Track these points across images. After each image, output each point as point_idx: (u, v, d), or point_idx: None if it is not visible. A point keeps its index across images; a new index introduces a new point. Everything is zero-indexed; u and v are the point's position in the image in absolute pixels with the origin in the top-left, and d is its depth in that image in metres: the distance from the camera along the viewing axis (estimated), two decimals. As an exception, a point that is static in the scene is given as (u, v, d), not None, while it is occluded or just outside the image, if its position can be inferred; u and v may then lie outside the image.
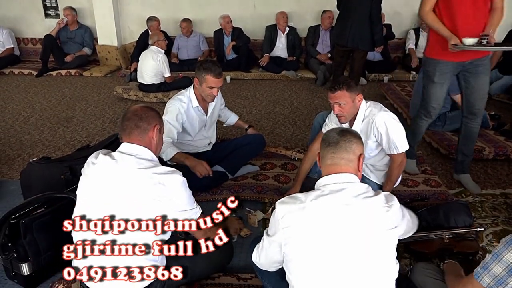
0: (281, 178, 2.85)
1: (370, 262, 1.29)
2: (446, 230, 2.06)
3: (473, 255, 2.04)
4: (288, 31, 5.79)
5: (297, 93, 5.04)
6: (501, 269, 1.29)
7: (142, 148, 1.58)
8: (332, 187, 1.35)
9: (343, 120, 2.28)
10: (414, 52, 5.70)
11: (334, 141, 1.41)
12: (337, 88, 2.19)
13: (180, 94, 2.68)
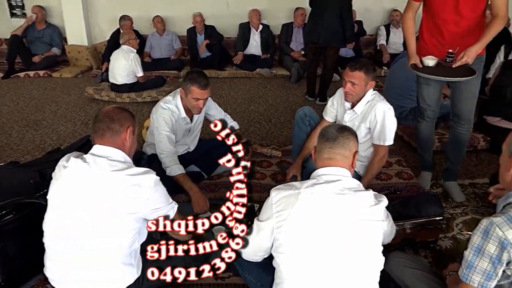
0: (258, 175, 2.85)
1: (358, 250, 1.36)
2: (407, 221, 2.12)
3: (433, 243, 2.12)
4: (262, 28, 5.80)
5: (272, 91, 5.05)
6: (487, 262, 1.27)
7: (115, 150, 1.56)
8: (327, 178, 1.43)
9: (349, 98, 2.36)
10: (385, 48, 5.82)
11: (332, 137, 1.50)
12: (357, 68, 2.27)
13: (167, 102, 2.58)
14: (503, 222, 1.23)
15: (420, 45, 2.45)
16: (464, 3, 2.19)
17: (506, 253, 1.23)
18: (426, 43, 2.42)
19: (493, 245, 1.24)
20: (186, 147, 2.80)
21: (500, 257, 1.24)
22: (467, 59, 2.19)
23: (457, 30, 2.27)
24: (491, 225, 1.25)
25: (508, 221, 1.23)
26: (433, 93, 2.53)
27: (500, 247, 1.23)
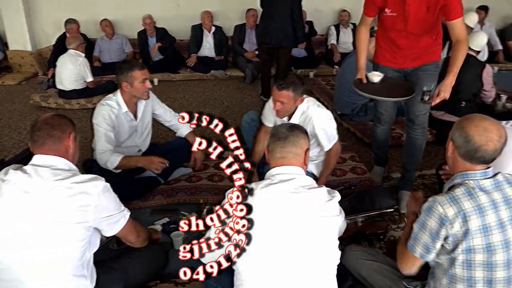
0: (215, 177, 2.84)
1: (315, 246, 1.39)
2: (359, 214, 2.20)
3: (383, 234, 2.21)
4: (214, 30, 5.77)
5: (227, 92, 5.04)
6: (427, 236, 1.40)
7: (58, 158, 1.50)
8: (282, 177, 1.45)
9: (281, 115, 2.34)
10: (336, 48, 5.97)
11: (283, 136, 1.52)
12: (284, 88, 2.21)
13: (107, 99, 2.53)
14: (445, 200, 1.36)
15: (377, 49, 2.49)
16: (412, 25, 2.22)
17: (445, 229, 1.36)
18: (381, 48, 2.44)
19: (433, 221, 1.37)
20: (136, 149, 2.71)
21: (438, 232, 1.37)
22: (445, 94, 2.16)
23: (410, 42, 2.30)
24: (434, 202, 1.38)
25: (449, 200, 1.36)
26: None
27: (440, 223, 1.36)
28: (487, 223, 1.34)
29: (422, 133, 2.52)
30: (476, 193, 1.36)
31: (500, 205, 1.36)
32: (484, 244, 1.34)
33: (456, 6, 2.10)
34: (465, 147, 1.39)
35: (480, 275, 1.37)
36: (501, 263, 1.35)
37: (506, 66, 6.05)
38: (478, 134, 1.37)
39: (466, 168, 1.42)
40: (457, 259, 1.38)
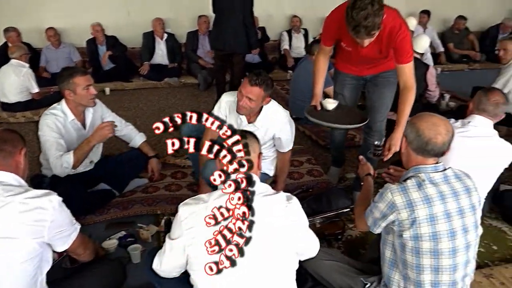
0: (173, 187, 2.79)
1: (275, 254, 1.36)
2: (317, 216, 2.24)
3: (341, 234, 2.26)
4: (167, 37, 5.70)
5: (182, 100, 4.99)
6: (377, 213, 1.53)
7: (7, 174, 1.46)
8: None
9: (243, 111, 2.27)
10: (289, 53, 6.08)
11: None
12: (257, 84, 2.16)
13: (52, 109, 2.44)
14: (395, 189, 1.48)
15: (337, 57, 2.51)
16: (366, 59, 2.28)
17: (393, 214, 1.47)
18: (341, 58, 2.47)
19: (383, 205, 1.50)
20: (88, 160, 2.59)
21: (387, 215, 1.50)
22: (395, 148, 2.14)
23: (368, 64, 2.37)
24: (386, 189, 1.50)
25: (400, 189, 1.47)
26: (346, 103, 2.55)
27: (389, 208, 1.48)
28: (434, 213, 1.43)
29: (379, 139, 2.55)
30: (425, 185, 1.45)
31: (448, 197, 1.44)
32: (430, 232, 1.43)
33: (405, 52, 2.12)
34: (416, 141, 1.50)
35: (428, 263, 1.45)
36: (446, 251, 1.44)
37: (448, 67, 6.42)
38: (427, 129, 1.48)
39: (418, 162, 1.52)
40: (406, 245, 1.47)
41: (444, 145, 1.49)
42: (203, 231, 1.30)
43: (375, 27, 1.89)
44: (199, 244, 1.31)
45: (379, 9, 1.85)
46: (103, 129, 2.37)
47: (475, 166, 1.90)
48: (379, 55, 2.23)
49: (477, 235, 1.52)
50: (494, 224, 2.43)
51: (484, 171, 1.99)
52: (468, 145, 1.93)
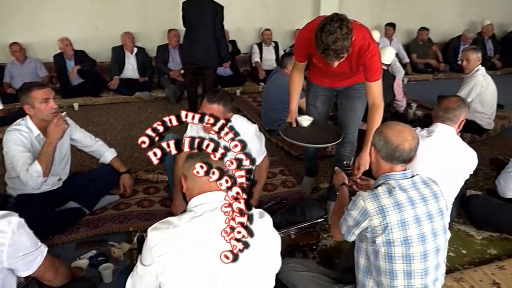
0: (145, 203, 2.74)
1: (252, 272, 1.31)
2: (291, 227, 2.25)
3: (315, 244, 2.28)
4: (137, 51, 5.65)
5: (154, 114, 4.94)
6: (351, 221, 1.56)
7: None
8: (205, 207, 1.32)
9: (209, 131, 2.27)
10: (260, 65, 6.14)
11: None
12: (215, 101, 2.19)
13: (15, 125, 2.36)
14: (367, 196, 1.51)
15: (309, 69, 2.54)
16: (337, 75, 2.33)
17: (366, 221, 1.50)
18: (313, 70, 2.50)
19: (356, 212, 1.53)
20: (55, 178, 2.51)
21: (359, 221, 1.52)
22: (364, 167, 2.18)
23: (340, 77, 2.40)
24: (358, 197, 1.53)
25: (371, 196, 1.50)
26: (319, 115, 2.60)
27: (361, 215, 1.51)
28: (404, 218, 1.47)
29: (351, 150, 2.64)
30: (396, 191, 1.49)
31: (417, 202, 1.49)
32: (402, 237, 1.46)
33: (373, 70, 2.17)
34: (385, 148, 1.54)
35: (400, 268, 1.48)
36: (418, 255, 1.47)
37: (414, 77, 6.63)
38: (394, 136, 1.53)
39: (387, 170, 1.56)
40: (379, 251, 1.49)
41: (412, 151, 1.53)
42: (175, 258, 1.24)
43: (344, 50, 1.93)
44: (171, 271, 1.26)
45: (347, 32, 1.90)
46: (55, 125, 2.29)
47: (442, 172, 1.96)
48: (349, 71, 2.29)
49: (446, 239, 1.56)
50: (462, 229, 2.50)
51: (451, 177, 2.05)
52: (434, 152, 2.00)
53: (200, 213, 1.30)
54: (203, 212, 1.31)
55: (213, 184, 1.31)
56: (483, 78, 3.80)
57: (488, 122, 3.92)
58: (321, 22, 1.94)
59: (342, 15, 1.94)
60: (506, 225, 2.37)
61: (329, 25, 1.89)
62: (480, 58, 3.83)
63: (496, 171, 2.92)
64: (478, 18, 7.48)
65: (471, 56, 3.79)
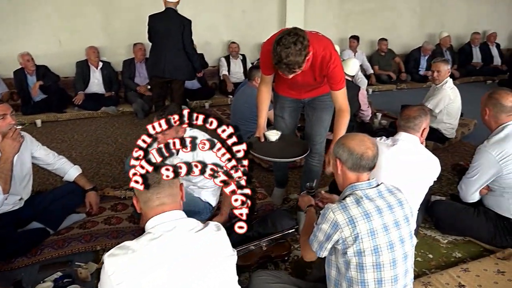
0: (113, 220, 2.67)
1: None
2: (263, 239, 2.25)
3: (287, 255, 2.28)
4: (102, 66, 5.55)
5: (121, 129, 4.84)
6: (322, 236, 1.56)
7: None
8: (163, 228, 1.28)
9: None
10: (228, 78, 6.16)
11: (156, 181, 1.35)
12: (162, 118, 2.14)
13: None
14: (336, 208, 1.52)
15: (276, 81, 2.55)
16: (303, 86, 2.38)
17: (337, 232, 1.50)
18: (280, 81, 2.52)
19: (327, 225, 1.53)
20: (17, 197, 2.42)
21: (331, 235, 1.52)
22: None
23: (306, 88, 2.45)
24: (327, 209, 1.54)
25: (340, 207, 1.52)
26: (286, 127, 2.64)
27: (332, 227, 1.51)
28: (373, 227, 1.49)
29: (319, 161, 2.68)
30: (363, 201, 1.52)
31: (384, 210, 1.52)
32: (372, 246, 1.48)
33: (337, 79, 2.23)
34: (351, 159, 1.58)
35: (371, 277, 1.50)
36: (387, 263, 1.50)
37: (378, 87, 6.83)
38: (357, 146, 1.58)
39: (353, 180, 1.59)
40: (351, 262, 1.51)
41: (375, 158, 1.59)
42: (135, 284, 1.19)
43: (296, 66, 1.98)
44: None
45: (301, 49, 1.94)
46: (10, 139, 2.23)
47: (407, 180, 2.02)
48: (314, 82, 2.33)
49: (413, 245, 1.60)
50: (428, 234, 2.57)
51: (415, 184, 2.11)
52: (398, 160, 2.05)
53: (158, 235, 1.26)
54: (161, 233, 1.26)
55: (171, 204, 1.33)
56: (451, 90, 3.93)
57: (451, 132, 4.07)
58: (279, 34, 1.99)
59: (300, 30, 1.99)
60: (469, 229, 2.45)
61: (285, 39, 1.94)
62: (449, 70, 3.98)
63: (458, 177, 3.03)
64: (436, 30, 7.83)
65: (442, 68, 3.92)
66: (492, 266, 2.12)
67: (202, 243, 1.29)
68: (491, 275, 2.05)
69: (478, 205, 2.44)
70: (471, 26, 8.00)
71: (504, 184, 2.27)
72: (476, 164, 2.33)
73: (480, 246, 2.43)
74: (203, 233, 1.31)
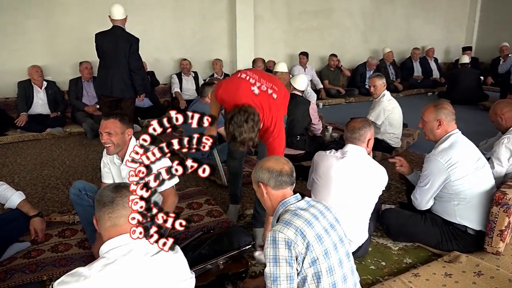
0: (60, 247, 2.53)
1: None
2: (220, 257, 2.22)
3: (245, 272, 2.26)
4: (46, 85, 5.32)
5: (68, 151, 4.64)
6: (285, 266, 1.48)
7: None
8: (118, 252, 1.24)
9: (111, 150, 2.28)
10: (180, 95, 6.13)
11: (109, 200, 1.31)
12: (110, 116, 2.22)
13: None
14: (281, 226, 1.52)
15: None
16: None
17: (293, 249, 1.48)
18: None
19: (282, 248, 1.48)
20: None
21: (291, 255, 1.48)
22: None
23: None
24: (274, 232, 1.51)
25: (284, 224, 1.53)
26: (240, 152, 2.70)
27: (287, 246, 1.48)
28: (317, 232, 1.55)
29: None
30: (299, 212, 1.59)
31: (318, 216, 1.60)
32: (322, 251, 1.53)
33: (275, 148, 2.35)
34: (272, 177, 1.65)
35: (327, 282, 1.53)
36: (336, 264, 1.56)
37: (329, 101, 7.05)
38: (274, 164, 1.68)
39: (281, 197, 1.66)
40: (308, 275, 1.52)
41: (293, 172, 1.69)
42: None
43: (250, 142, 2.07)
44: None
45: (253, 125, 2.05)
46: None
47: (357, 190, 2.08)
48: None
49: (349, 243, 1.69)
50: (380, 242, 2.65)
51: (365, 193, 2.18)
52: (347, 172, 2.12)
53: (112, 260, 1.21)
54: (116, 258, 1.22)
55: (124, 225, 1.29)
56: (389, 102, 4.17)
57: (396, 141, 4.27)
58: (230, 112, 2.08)
59: (249, 108, 2.08)
60: (418, 235, 2.55)
61: (236, 118, 2.04)
62: (385, 83, 4.23)
63: (405, 185, 3.17)
64: (379, 46, 8.26)
65: (377, 83, 4.18)
66: (440, 270, 2.21)
67: (159, 268, 1.26)
68: (439, 278, 2.14)
69: (426, 211, 2.55)
70: (411, 42, 8.51)
71: (451, 190, 2.38)
72: (426, 172, 2.43)
73: (429, 250, 2.54)
74: (159, 257, 1.28)
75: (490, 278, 2.10)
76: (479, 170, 2.38)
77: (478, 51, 8.45)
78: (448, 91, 7.09)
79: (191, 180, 3.67)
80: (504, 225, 2.25)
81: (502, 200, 2.23)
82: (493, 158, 2.68)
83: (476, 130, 3.67)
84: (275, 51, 6.90)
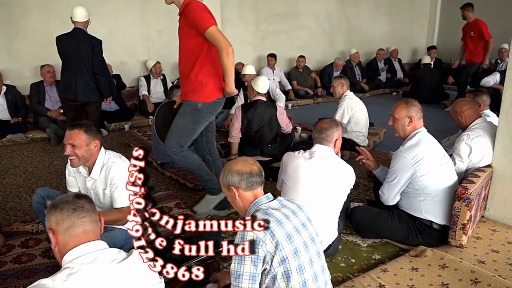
0: (24, 258, 2.43)
1: None
2: (191, 261, 2.19)
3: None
4: (6, 90, 5.10)
5: (31, 157, 4.47)
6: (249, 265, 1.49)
7: None
8: (82, 260, 1.22)
9: (74, 162, 2.16)
10: (148, 98, 6.02)
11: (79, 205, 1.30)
12: (74, 127, 2.11)
13: None
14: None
15: None
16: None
17: (261, 249, 1.48)
18: None
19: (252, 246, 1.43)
20: None
21: (258, 254, 1.48)
22: None
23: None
24: (243, 235, 1.47)
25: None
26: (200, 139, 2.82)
27: (255, 245, 1.47)
28: (287, 231, 1.55)
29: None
30: (271, 211, 1.59)
31: (290, 215, 1.61)
32: (292, 250, 1.54)
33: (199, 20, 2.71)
34: (242, 179, 1.65)
35: (297, 281, 1.54)
36: (306, 263, 1.57)
37: (297, 102, 7.12)
38: (243, 166, 1.66)
39: (252, 198, 1.66)
40: (277, 274, 1.53)
41: (262, 172, 1.69)
42: None
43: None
44: None
45: None
46: None
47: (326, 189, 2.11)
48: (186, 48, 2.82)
49: (321, 242, 1.71)
50: (350, 239, 2.70)
51: (334, 192, 2.22)
52: (315, 172, 2.14)
53: (77, 269, 1.18)
54: (80, 267, 1.19)
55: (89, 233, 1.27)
56: (351, 101, 4.31)
57: (363, 140, 4.36)
58: None
59: None
60: (385, 231, 2.61)
61: None
62: (344, 84, 4.37)
63: (373, 183, 3.23)
64: (345, 47, 8.42)
65: (334, 83, 4.41)
66: (407, 264, 2.28)
67: (126, 274, 1.24)
68: (407, 273, 2.20)
69: (392, 208, 2.62)
70: (375, 43, 8.71)
71: (417, 186, 2.45)
72: (394, 168, 2.48)
73: (396, 246, 2.60)
74: (126, 263, 1.26)
75: (454, 270, 2.18)
76: (443, 166, 2.47)
77: (439, 52, 8.74)
78: (412, 91, 7.30)
79: (161, 184, 3.62)
80: (466, 219, 2.34)
81: (464, 195, 2.32)
82: (454, 154, 2.77)
83: (438, 128, 3.80)
84: (243, 53, 6.87)
